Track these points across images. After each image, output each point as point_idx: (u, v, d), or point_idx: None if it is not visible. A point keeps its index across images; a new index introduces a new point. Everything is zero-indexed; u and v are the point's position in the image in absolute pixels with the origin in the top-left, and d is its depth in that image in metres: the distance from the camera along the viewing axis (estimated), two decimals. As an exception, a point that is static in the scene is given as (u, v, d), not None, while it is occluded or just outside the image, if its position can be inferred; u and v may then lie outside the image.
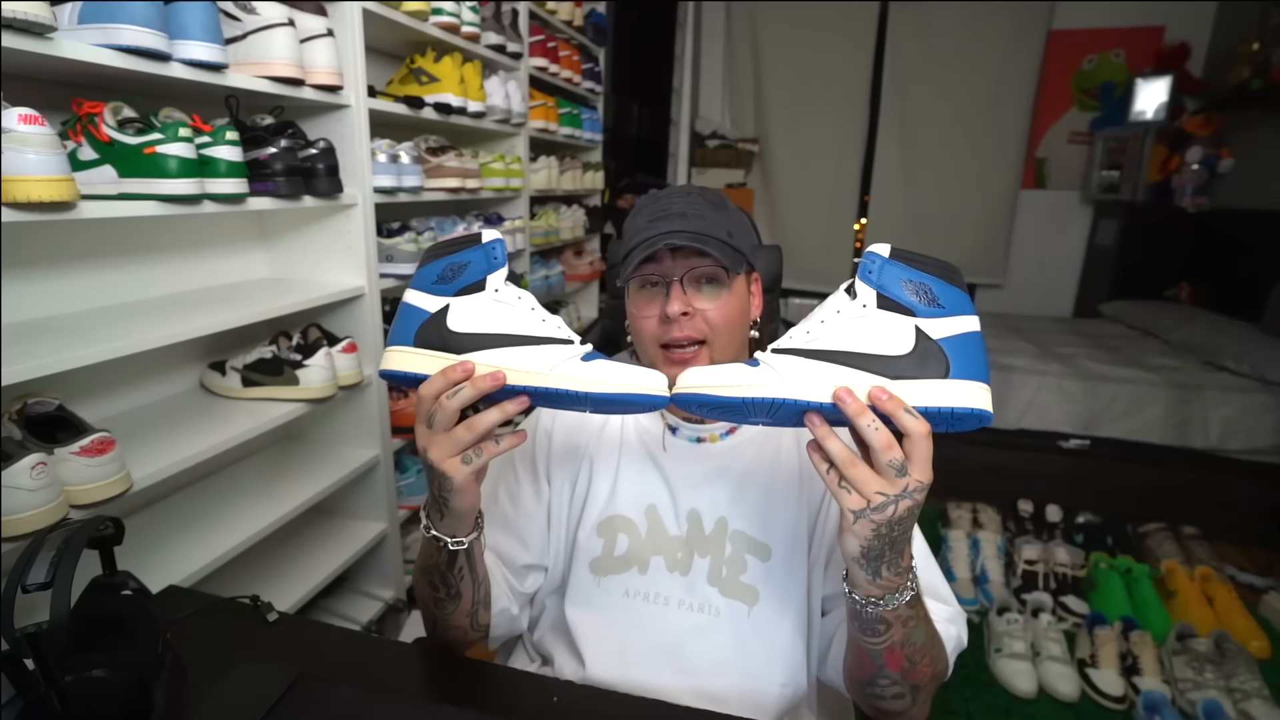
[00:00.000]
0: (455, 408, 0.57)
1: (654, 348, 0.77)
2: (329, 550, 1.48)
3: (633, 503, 0.82)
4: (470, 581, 0.71)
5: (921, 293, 0.54)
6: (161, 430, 1.17)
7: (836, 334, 0.56)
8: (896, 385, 0.53)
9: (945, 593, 0.76)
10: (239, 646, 0.73)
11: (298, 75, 1.19)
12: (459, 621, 0.74)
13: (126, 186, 0.98)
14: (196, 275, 1.38)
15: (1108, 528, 2.30)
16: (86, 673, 0.57)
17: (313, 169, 1.27)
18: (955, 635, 0.72)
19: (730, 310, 0.75)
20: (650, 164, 4.16)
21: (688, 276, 0.74)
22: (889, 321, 0.55)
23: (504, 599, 0.80)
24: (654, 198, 0.79)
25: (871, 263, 0.56)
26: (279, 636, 0.76)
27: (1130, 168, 3.49)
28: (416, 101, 1.59)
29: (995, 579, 2.06)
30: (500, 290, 0.60)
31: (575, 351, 0.59)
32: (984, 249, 4.01)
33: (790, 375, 0.55)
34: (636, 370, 0.58)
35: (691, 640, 0.78)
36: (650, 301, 0.77)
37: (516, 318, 0.60)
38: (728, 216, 0.77)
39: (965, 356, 0.54)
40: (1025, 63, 3.75)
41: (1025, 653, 1.74)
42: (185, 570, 1.09)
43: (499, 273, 0.60)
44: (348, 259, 1.45)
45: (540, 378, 0.58)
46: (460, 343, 0.59)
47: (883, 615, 0.59)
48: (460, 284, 0.60)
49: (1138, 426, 2.53)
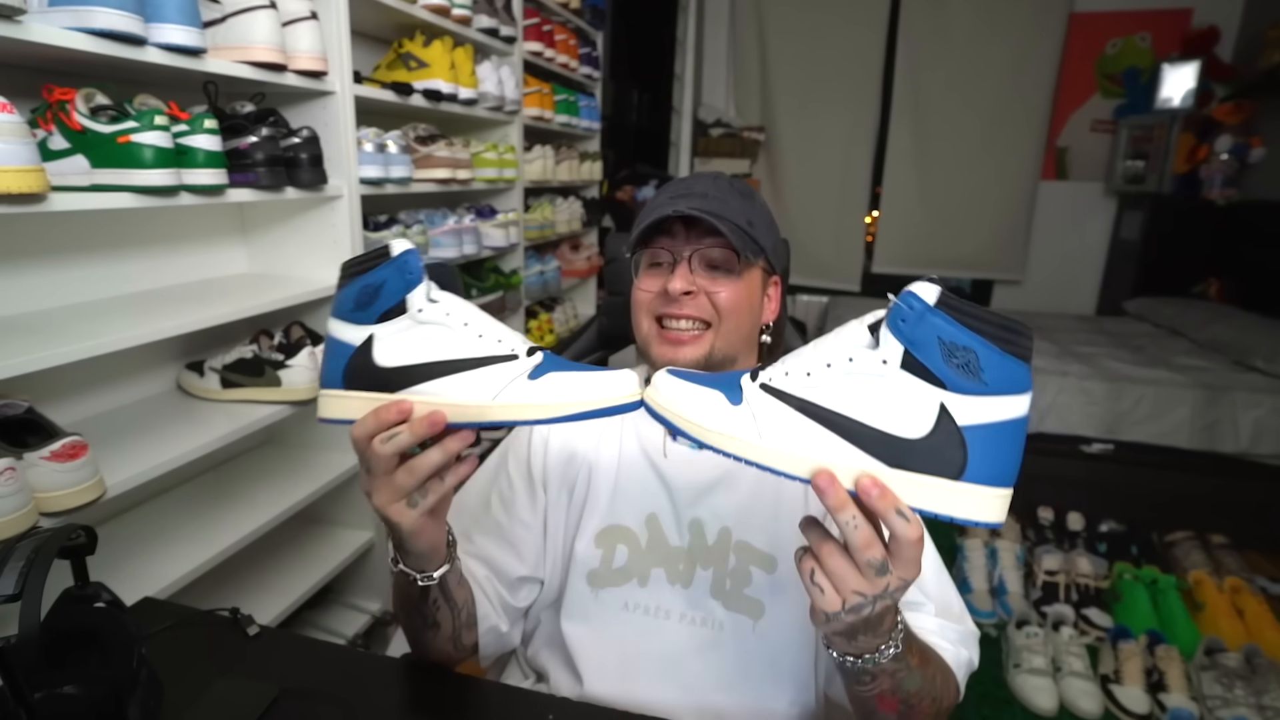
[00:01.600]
0: (392, 453, 0.54)
1: (648, 320, 0.77)
2: (313, 560, 1.48)
3: (632, 512, 0.81)
4: (448, 611, 0.71)
5: (961, 360, 0.45)
6: (136, 434, 1.17)
7: (842, 390, 0.48)
8: (893, 477, 0.46)
9: (958, 609, 0.76)
10: (218, 661, 0.73)
11: (280, 60, 1.19)
12: (441, 647, 0.74)
13: (99, 177, 0.98)
14: (173, 271, 1.38)
15: (1132, 536, 2.30)
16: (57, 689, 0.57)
17: (295, 159, 1.27)
18: (966, 659, 0.72)
19: (740, 296, 0.75)
20: (651, 154, 4.16)
21: (697, 255, 0.74)
22: (910, 391, 0.46)
23: (492, 616, 0.80)
24: (680, 180, 0.80)
25: (909, 308, 0.46)
26: (260, 651, 0.76)
27: (1156, 157, 3.49)
28: (405, 88, 1.59)
29: (1014, 590, 2.06)
30: (424, 309, 0.55)
31: (522, 368, 0.54)
32: (1002, 243, 4.01)
33: (770, 432, 0.49)
34: (597, 378, 0.54)
35: (694, 656, 0.78)
36: (654, 277, 0.77)
37: (448, 339, 0.55)
38: (752, 207, 0.77)
39: (992, 453, 0.46)
40: (1045, 47, 3.74)
41: (1045, 668, 1.74)
42: (161, 581, 1.09)
43: (418, 289, 0.55)
44: (332, 254, 1.45)
45: (483, 410, 0.53)
46: (390, 379, 0.55)
47: (865, 670, 0.56)
48: (380, 308, 0.55)
49: (1164, 430, 2.53)
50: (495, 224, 2.04)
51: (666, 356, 0.76)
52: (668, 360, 0.76)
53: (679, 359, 0.76)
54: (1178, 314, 3.24)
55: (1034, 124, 3.84)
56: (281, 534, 1.47)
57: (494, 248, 2.06)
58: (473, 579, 0.80)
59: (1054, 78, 3.78)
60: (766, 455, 0.49)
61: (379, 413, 0.54)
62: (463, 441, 0.55)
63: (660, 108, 4.13)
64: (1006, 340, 0.45)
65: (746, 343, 0.79)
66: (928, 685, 0.63)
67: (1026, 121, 3.84)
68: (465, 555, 0.82)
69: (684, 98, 3.97)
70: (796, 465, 0.48)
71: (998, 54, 3.79)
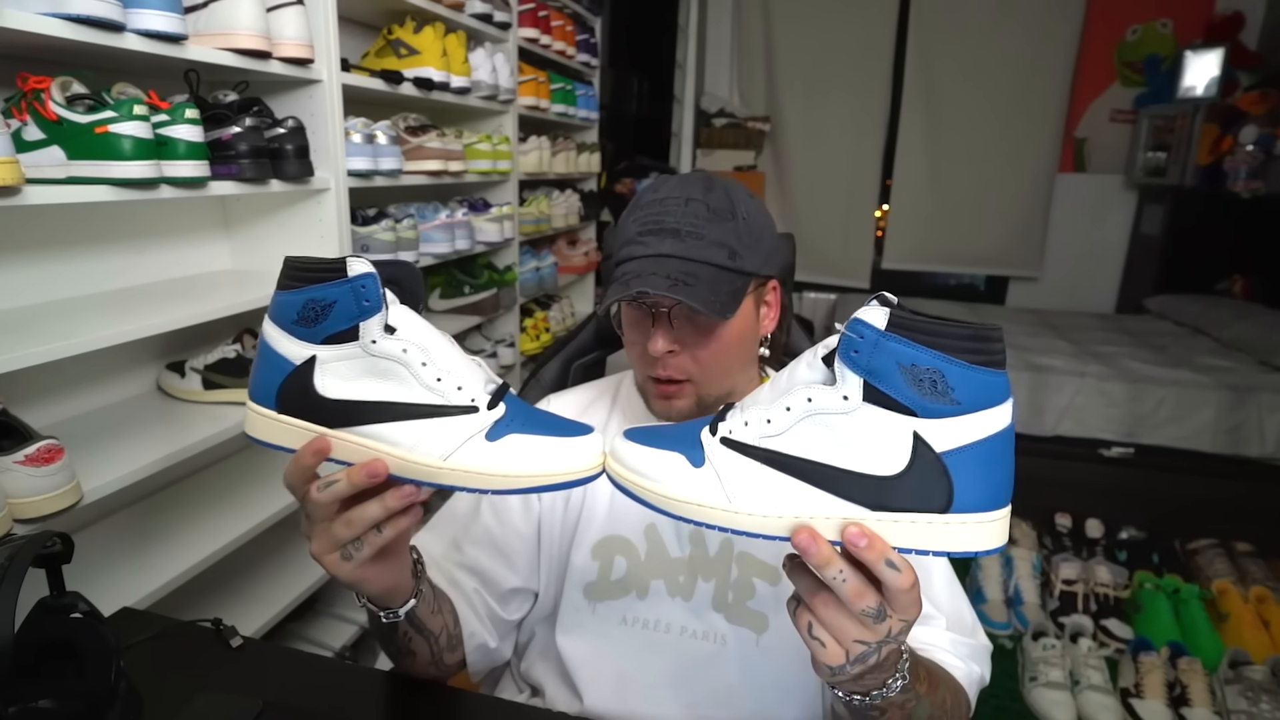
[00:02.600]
0: (329, 500, 0.52)
1: (642, 375, 0.78)
2: (299, 569, 1.48)
3: (631, 522, 0.81)
4: (423, 640, 0.71)
5: (928, 383, 0.43)
6: (115, 437, 1.17)
7: (806, 435, 0.46)
8: (879, 523, 0.45)
9: (970, 622, 0.76)
10: (199, 674, 0.73)
11: (264, 47, 1.19)
12: (422, 670, 0.74)
13: (76, 169, 0.98)
14: (153, 267, 1.38)
15: (1153, 544, 2.30)
16: (32, 703, 0.57)
17: (280, 150, 1.27)
18: (977, 676, 0.72)
19: (725, 345, 0.74)
20: (651, 145, 4.16)
21: (676, 310, 0.72)
22: (878, 425, 0.44)
23: (481, 633, 0.80)
24: (652, 193, 0.76)
25: (860, 337, 0.44)
26: (243, 663, 0.75)
27: (1178, 149, 3.49)
28: (395, 76, 1.59)
29: (1030, 600, 2.06)
30: (378, 341, 0.51)
31: (480, 424, 0.51)
32: (1017, 238, 4.01)
33: (739, 494, 0.47)
34: (558, 447, 0.51)
35: (696, 671, 0.78)
36: (637, 326, 0.76)
37: (401, 379, 0.51)
38: (734, 229, 0.72)
39: (980, 476, 0.44)
40: (1063, 33, 3.74)
41: (1063, 682, 1.74)
42: (141, 591, 1.09)
43: (373, 319, 0.50)
44: (319, 249, 1.45)
45: (431, 471, 0.50)
46: (331, 413, 0.51)
47: (873, 706, 0.56)
48: (327, 330, 0.51)
49: (1186, 433, 2.53)
50: (489, 218, 2.04)
51: (662, 409, 0.78)
52: (662, 412, 0.78)
53: (672, 412, 0.76)
54: (1201, 312, 3.24)
55: (1051, 114, 3.84)
56: (266, 542, 1.47)
57: (487, 243, 2.06)
58: (460, 592, 0.80)
59: (1072, 65, 3.78)
60: (739, 520, 0.47)
61: (300, 457, 0.52)
62: (404, 498, 0.52)
63: (661, 96, 4.14)
64: (973, 350, 0.43)
65: (743, 374, 0.79)
66: (938, 711, 0.62)
67: (1043, 111, 3.84)
68: (454, 566, 0.82)
69: (686, 86, 3.97)
70: (772, 526, 0.47)
71: (1013, 40, 3.79)
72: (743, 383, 0.79)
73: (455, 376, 0.52)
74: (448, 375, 0.52)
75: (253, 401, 0.55)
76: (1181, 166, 3.46)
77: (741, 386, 0.79)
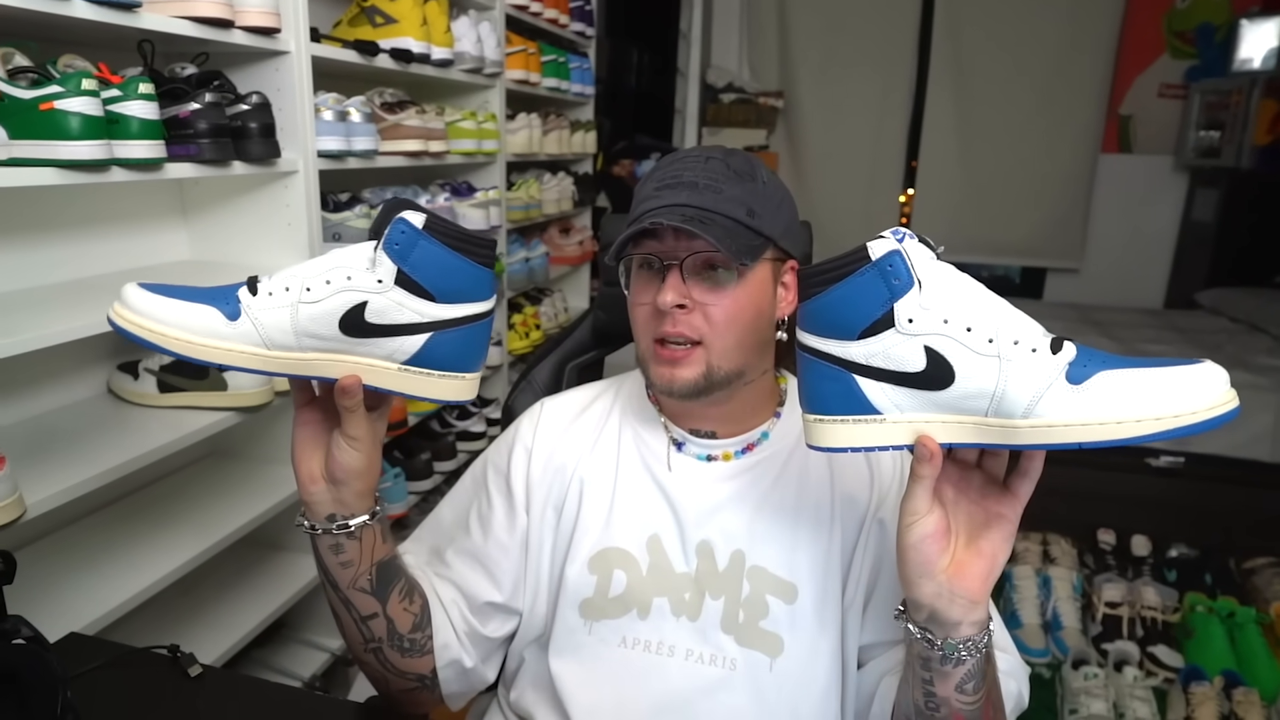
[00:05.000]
0: None
1: (647, 340, 0.78)
2: (263, 590, 1.48)
3: (632, 533, 0.81)
4: (377, 604, 0.73)
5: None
6: (61, 445, 1.17)
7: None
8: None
9: (1004, 640, 0.76)
10: (154, 706, 0.73)
11: (225, 15, 1.19)
12: (390, 659, 0.76)
13: (18, 150, 0.98)
14: (104, 257, 1.38)
15: (1206, 563, 2.30)
16: (-30, 737, 0.57)
17: (243, 129, 1.27)
18: (1015, 693, 0.73)
19: (739, 306, 0.75)
20: (653, 123, 4.17)
21: (689, 261, 0.73)
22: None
23: (455, 647, 0.80)
24: (670, 160, 0.79)
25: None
26: (203, 694, 0.76)
27: (1233, 127, 3.49)
28: (369, 47, 1.59)
29: (1070, 625, 2.06)
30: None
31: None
32: (1056, 226, 4.01)
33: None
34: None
35: (702, 698, 0.78)
36: (646, 286, 0.77)
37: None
38: (753, 190, 0.75)
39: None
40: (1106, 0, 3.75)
41: (1106, 715, 1.74)
42: (90, 615, 1.09)
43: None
44: (286, 237, 1.45)
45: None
46: None
47: (948, 657, 0.61)
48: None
49: (1242, 440, 2.54)
50: (473, 203, 2.04)
51: (663, 378, 0.76)
52: (664, 382, 0.76)
53: (675, 384, 0.75)
54: (1259, 307, 3.25)
55: (1093, 89, 3.85)
56: (228, 560, 1.47)
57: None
58: (438, 602, 0.81)
59: (1116, 36, 3.79)
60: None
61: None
62: None
63: (663, 70, 4.14)
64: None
65: (756, 355, 0.79)
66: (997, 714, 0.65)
67: (1084, 86, 3.85)
68: (435, 576, 0.84)
69: (691, 58, 3.97)
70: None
71: (1052, 8, 3.79)
72: (755, 366, 0.79)
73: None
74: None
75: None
76: (1237, 147, 3.46)
77: (752, 371, 0.79)
